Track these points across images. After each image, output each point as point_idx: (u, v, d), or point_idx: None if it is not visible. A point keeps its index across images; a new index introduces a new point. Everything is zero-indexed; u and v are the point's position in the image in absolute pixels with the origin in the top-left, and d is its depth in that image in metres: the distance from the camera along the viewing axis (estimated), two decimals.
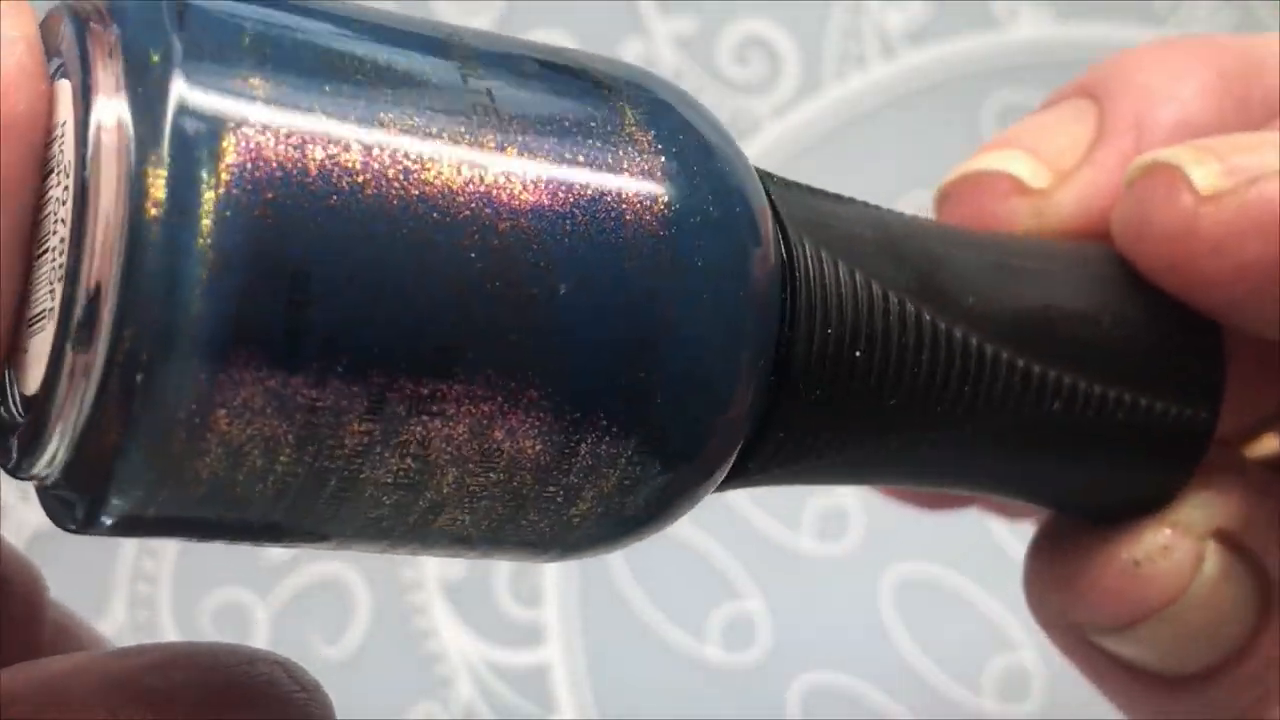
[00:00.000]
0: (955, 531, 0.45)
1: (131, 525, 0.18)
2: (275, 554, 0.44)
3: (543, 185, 0.19)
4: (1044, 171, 0.27)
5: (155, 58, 0.17)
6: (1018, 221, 0.27)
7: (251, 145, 0.17)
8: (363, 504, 0.19)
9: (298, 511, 0.19)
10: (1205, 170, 0.24)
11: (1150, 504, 0.26)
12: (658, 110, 0.20)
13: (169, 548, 0.44)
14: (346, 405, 0.18)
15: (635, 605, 0.44)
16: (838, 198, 0.24)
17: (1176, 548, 0.25)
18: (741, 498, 0.45)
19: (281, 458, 0.18)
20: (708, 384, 0.20)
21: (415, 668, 0.43)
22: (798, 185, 0.23)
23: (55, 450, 0.18)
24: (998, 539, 0.45)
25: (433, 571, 0.45)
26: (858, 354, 0.22)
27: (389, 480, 0.19)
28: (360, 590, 0.44)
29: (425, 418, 0.18)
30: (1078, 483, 0.26)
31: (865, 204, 0.24)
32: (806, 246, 0.22)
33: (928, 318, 0.23)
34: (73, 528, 0.18)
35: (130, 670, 0.20)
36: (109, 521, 0.18)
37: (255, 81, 0.18)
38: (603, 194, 0.19)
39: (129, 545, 0.44)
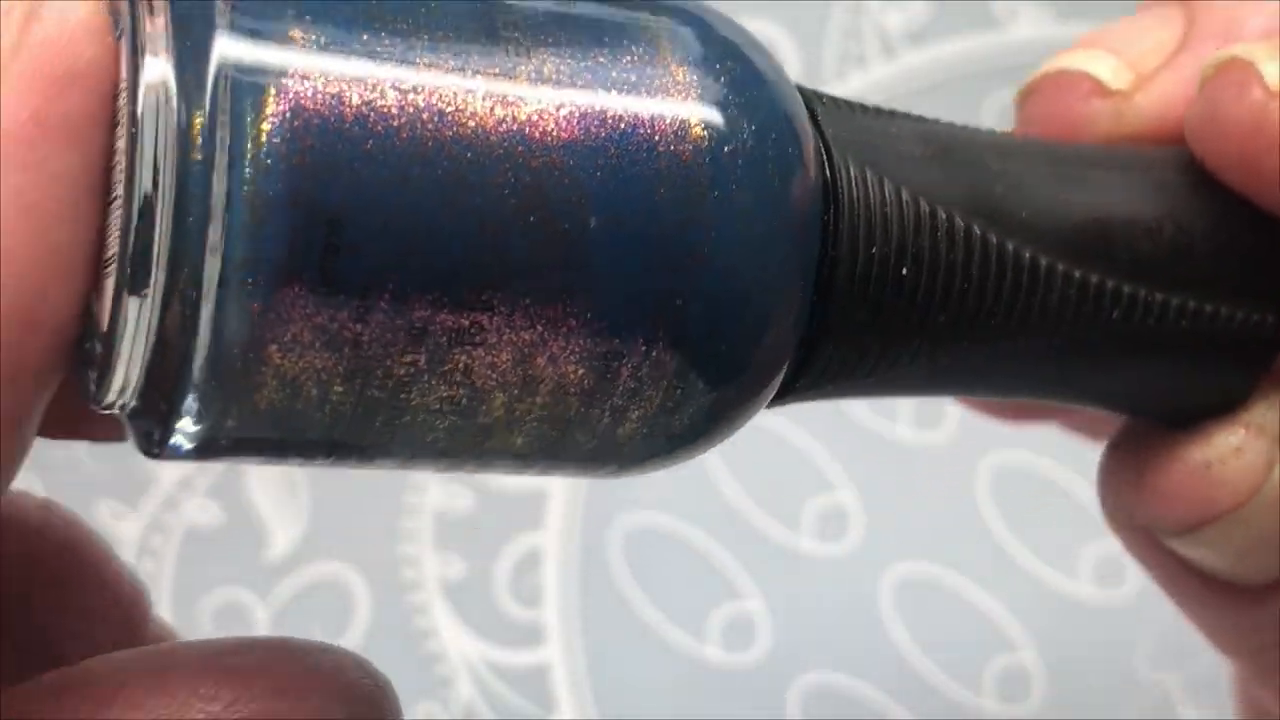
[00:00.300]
0: (955, 531, 0.45)
1: (206, 451, 0.20)
2: (275, 554, 0.44)
3: (575, 120, 0.20)
4: (1125, 73, 0.27)
5: (198, 14, 0.18)
6: (1097, 123, 0.26)
7: (291, 96, 0.18)
8: (417, 429, 0.20)
9: (357, 435, 0.20)
10: (1278, 66, 0.24)
11: (1222, 408, 0.26)
12: (693, 36, 0.21)
13: (169, 548, 0.44)
14: (390, 339, 0.19)
15: (635, 605, 0.44)
16: (891, 114, 0.24)
17: (1248, 449, 0.25)
18: (741, 498, 0.45)
19: (335, 388, 0.19)
20: (745, 308, 0.20)
21: (415, 668, 0.43)
22: (847, 103, 0.23)
23: (123, 385, 0.19)
24: (998, 539, 0.45)
25: (432, 571, 0.45)
26: (904, 271, 0.22)
27: (438, 407, 0.20)
28: (360, 590, 0.44)
29: (468, 348, 0.19)
30: (1145, 389, 0.25)
31: (919, 118, 0.24)
32: (851, 166, 0.22)
33: (978, 232, 0.23)
34: (156, 453, 0.20)
35: (216, 651, 0.21)
36: (185, 448, 0.20)
37: (295, 33, 0.19)
38: (636, 125, 0.20)
39: (128, 546, 0.44)
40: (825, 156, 0.22)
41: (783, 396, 0.23)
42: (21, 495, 0.25)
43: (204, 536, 0.44)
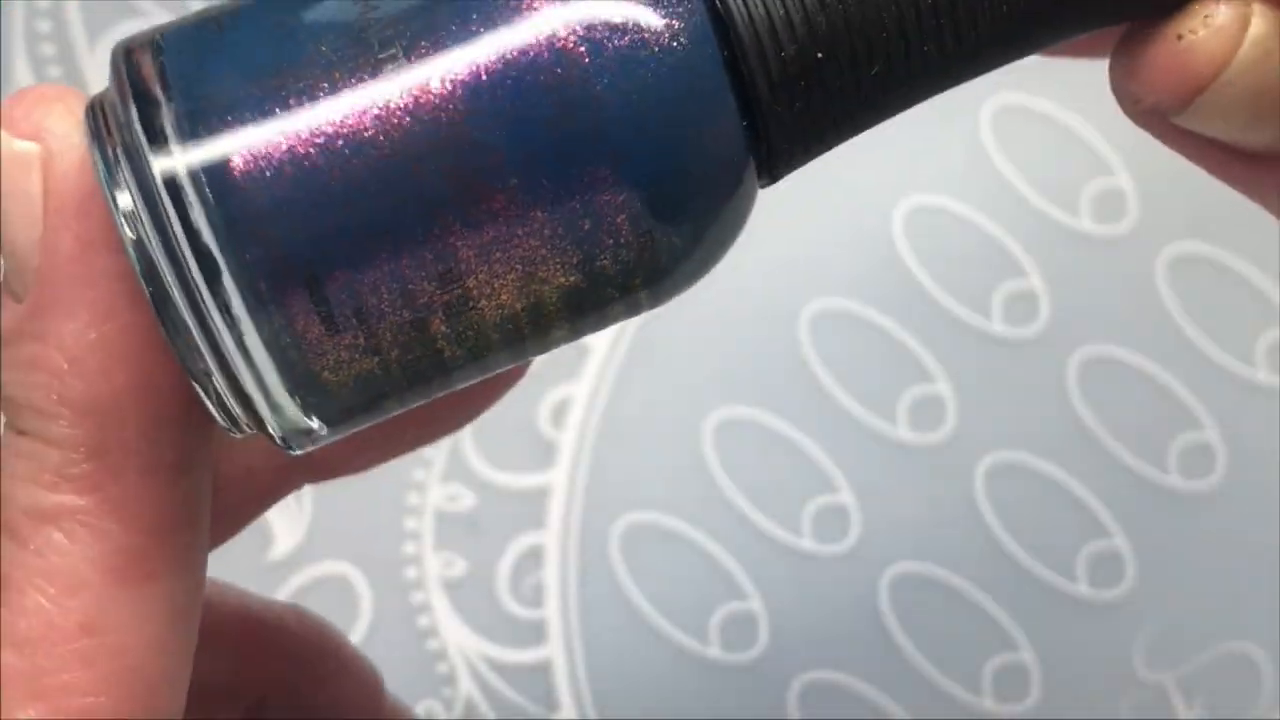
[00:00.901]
0: (955, 531, 0.45)
1: (312, 439, 0.23)
2: (276, 554, 0.44)
3: (470, 68, 0.22)
4: None
5: (135, 142, 0.22)
6: None
7: (237, 178, 0.22)
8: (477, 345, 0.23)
9: (423, 383, 0.23)
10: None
11: None
12: None
13: None
14: (401, 332, 0.22)
15: (635, 605, 0.45)
16: None
17: (1216, 14, 0.25)
18: (741, 498, 0.45)
19: (375, 359, 0.22)
20: (669, 152, 0.23)
21: (417, 666, 0.44)
22: None
23: (231, 410, 0.23)
24: (997, 539, 0.45)
25: (434, 570, 0.45)
26: (819, 56, 0.23)
27: (460, 352, 0.23)
28: (362, 589, 0.44)
29: (469, 306, 0.22)
30: None
31: None
32: None
33: None
34: (294, 452, 0.23)
35: None
36: (297, 448, 0.23)
37: (219, 126, 0.22)
38: (518, 53, 0.22)
39: None
40: None
41: (770, 179, 0.24)
42: (276, 604, 0.30)
43: None
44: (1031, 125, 0.48)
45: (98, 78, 0.46)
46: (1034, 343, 0.46)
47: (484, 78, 0.22)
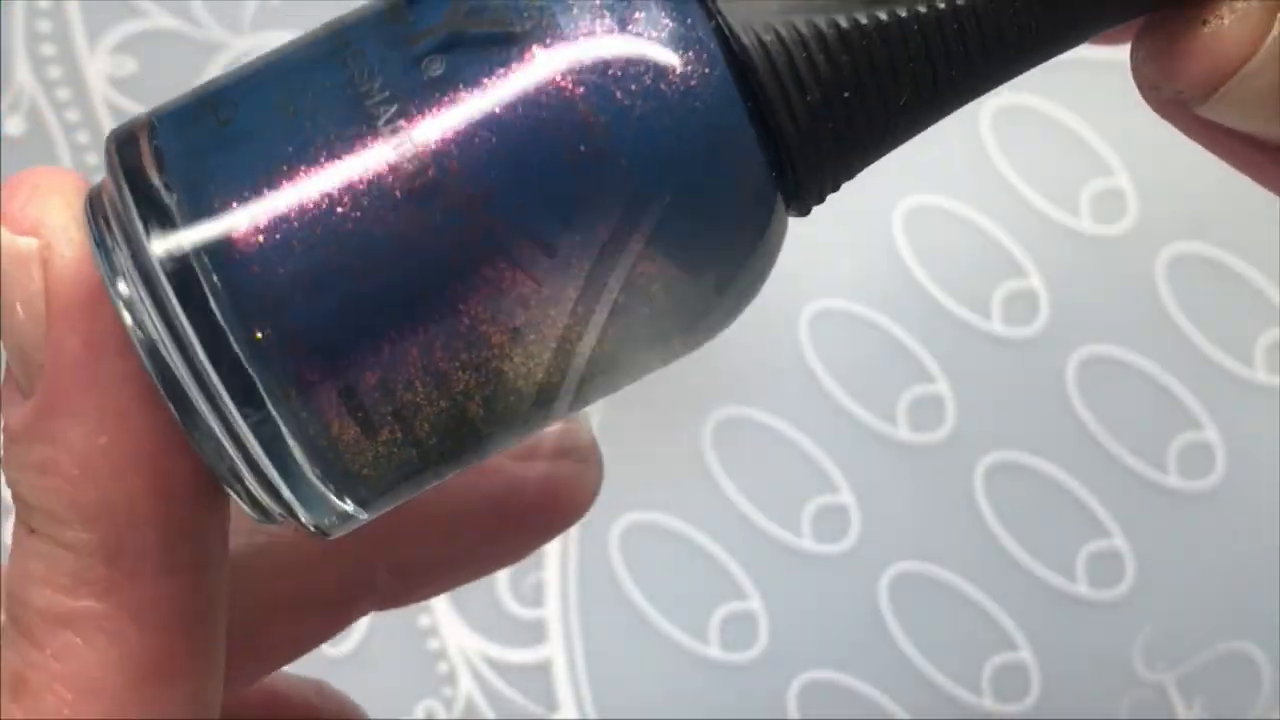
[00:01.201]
0: (954, 531, 0.45)
1: (347, 525, 0.23)
2: None
3: (478, 133, 0.21)
4: None
5: (131, 227, 0.21)
6: None
7: (242, 259, 0.21)
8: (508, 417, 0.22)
9: (460, 459, 0.23)
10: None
11: None
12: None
13: None
14: (429, 405, 0.22)
15: (635, 604, 0.45)
16: None
17: (1243, 1, 0.24)
18: (741, 498, 0.45)
19: (414, 450, 0.22)
20: (696, 207, 0.22)
21: (417, 666, 0.44)
22: None
23: (261, 503, 0.22)
24: (997, 538, 0.45)
25: None
26: (845, 95, 0.22)
27: (496, 428, 0.22)
28: None
29: (496, 390, 0.22)
30: None
31: None
32: (756, 32, 0.22)
33: (894, 14, 0.22)
34: (330, 537, 0.23)
35: None
36: (334, 534, 0.23)
37: (218, 205, 0.21)
38: (528, 114, 0.21)
39: None
40: (727, 38, 0.22)
41: (801, 212, 0.24)
42: (298, 680, 0.30)
43: None
44: (1031, 125, 0.47)
45: (98, 78, 0.46)
46: (1034, 343, 0.46)
47: (494, 143, 0.21)
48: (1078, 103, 0.47)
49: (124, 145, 0.22)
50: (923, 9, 0.23)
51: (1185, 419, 0.46)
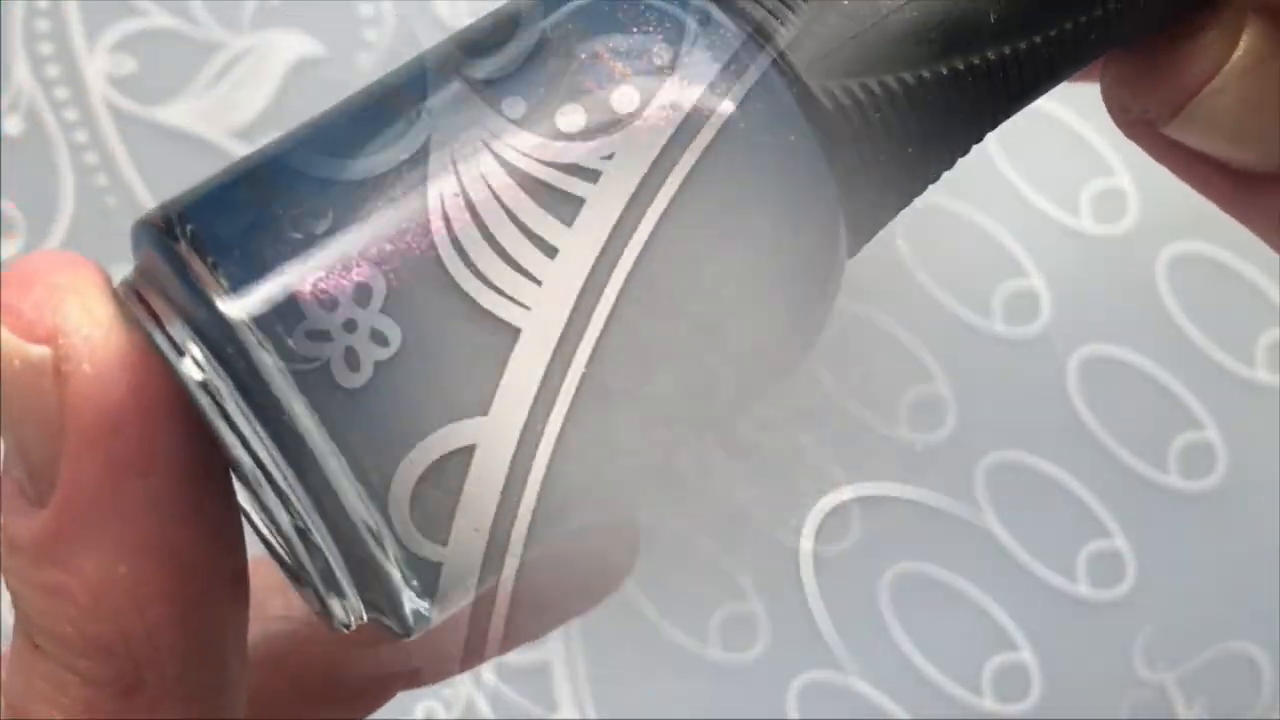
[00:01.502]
0: (955, 531, 0.45)
1: (425, 619, 0.22)
2: None
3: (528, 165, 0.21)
4: None
5: (198, 293, 0.20)
6: None
7: (313, 307, 0.20)
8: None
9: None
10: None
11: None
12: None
13: None
14: None
15: (635, 605, 0.45)
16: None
17: (1210, 25, 0.25)
18: (741, 499, 0.45)
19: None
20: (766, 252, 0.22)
21: None
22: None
23: (343, 615, 0.21)
24: (997, 539, 0.45)
25: None
26: (909, 150, 0.23)
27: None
28: None
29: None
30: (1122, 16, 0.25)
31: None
32: (836, 92, 0.22)
33: (946, 71, 0.23)
34: (412, 637, 0.22)
35: None
36: (415, 629, 0.21)
37: (269, 259, 0.20)
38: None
39: None
40: (803, 100, 0.22)
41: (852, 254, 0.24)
42: None
43: None
44: (1031, 125, 0.47)
45: (96, 77, 0.46)
46: (1034, 343, 0.46)
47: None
48: (1078, 103, 0.47)
49: (159, 231, 0.21)
50: (976, 60, 0.23)
51: (1186, 419, 0.46)
